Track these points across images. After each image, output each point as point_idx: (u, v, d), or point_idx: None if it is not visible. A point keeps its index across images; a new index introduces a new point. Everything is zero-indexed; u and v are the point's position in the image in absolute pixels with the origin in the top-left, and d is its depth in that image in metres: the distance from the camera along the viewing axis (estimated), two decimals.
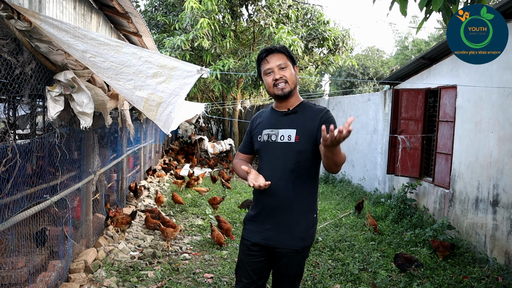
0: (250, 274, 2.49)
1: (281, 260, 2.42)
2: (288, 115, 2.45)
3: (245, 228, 2.58)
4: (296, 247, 2.39)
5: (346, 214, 7.85)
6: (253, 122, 2.66)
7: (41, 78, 3.33)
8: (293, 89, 2.44)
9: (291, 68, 2.44)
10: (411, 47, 33.91)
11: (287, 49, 2.47)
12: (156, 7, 16.49)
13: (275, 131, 2.45)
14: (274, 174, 2.38)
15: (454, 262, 5.38)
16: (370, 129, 9.95)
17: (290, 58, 2.46)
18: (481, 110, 5.82)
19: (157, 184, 10.60)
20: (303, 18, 14.78)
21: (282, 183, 2.38)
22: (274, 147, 2.42)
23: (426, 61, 7.39)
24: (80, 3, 4.94)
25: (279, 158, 2.40)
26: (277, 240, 2.41)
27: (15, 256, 3.58)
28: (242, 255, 2.56)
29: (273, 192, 2.38)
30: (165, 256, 5.41)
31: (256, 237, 2.47)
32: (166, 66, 3.23)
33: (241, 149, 2.71)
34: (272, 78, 2.42)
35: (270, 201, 2.41)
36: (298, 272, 2.48)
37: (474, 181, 5.85)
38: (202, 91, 16.76)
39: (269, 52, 2.44)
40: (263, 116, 2.61)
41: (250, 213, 2.57)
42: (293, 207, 2.39)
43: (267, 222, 2.44)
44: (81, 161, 4.70)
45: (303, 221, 2.41)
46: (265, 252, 2.47)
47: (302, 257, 2.44)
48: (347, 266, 5.12)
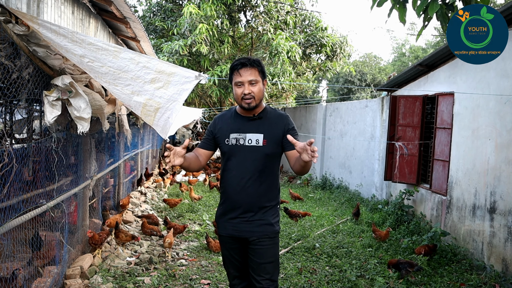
0: (235, 264, 2.77)
1: (255, 248, 2.64)
2: (254, 121, 2.69)
3: (219, 226, 2.80)
4: (267, 232, 2.64)
5: (344, 220, 7.84)
6: (215, 124, 2.82)
7: (38, 82, 3.32)
8: (258, 103, 2.66)
9: (260, 83, 2.64)
10: (408, 54, 34.10)
11: (260, 63, 2.65)
12: (155, 12, 16.53)
13: (243, 135, 2.67)
14: (244, 174, 2.64)
15: (452, 269, 5.37)
16: (367, 136, 9.96)
17: (262, 73, 2.65)
18: (478, 117, 5.84)
19: (154, 189, 10.56)
20: (301, 24, 14.84)
21: (251, 182, 2.63)
22: (243, 150, 2.65)
23: (423, 68, 7.41)
24: (79, 8, 4.94)
25: (248, 160, 2.63)
26: (248, 230, 2.65)
27: (10, 261, 3.55)
28: (224, 249, 2.82)
29: (243, 190, 2.63)
30: (161, 262, 5.38)
31: (229, 230, 2.71)
32: (164, 71, 3.23)
33: (201, 145, 2.87)
34: (241, 91, 2.61)
35: (241, 198, 2.65)
36: (273, 260, 2.68)
37: (471, 188, 5.85)
38: (200, 97, 16.77)
39: (243, 66, 2.60)
40: (225, 119, 2.80)
41: (220, 212, 2.79)
42: (261, 200, 2.65)
43: (238, 216, 2.67)
44: (78, 166, 4.68)
45: (269, 211, 2.68)
46: (240, 244, 2.72)
47: (274, 243, 2.69)
48: (345, 273, 5.10)
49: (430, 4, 3.01)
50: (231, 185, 2.67)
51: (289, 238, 6.54)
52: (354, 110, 10.86)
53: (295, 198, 9.63)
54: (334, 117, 12.08)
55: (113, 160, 6.85)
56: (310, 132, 13.56)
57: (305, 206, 9.11)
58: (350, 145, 10.95)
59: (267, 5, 13.15)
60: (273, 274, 2.66)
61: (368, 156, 9.93)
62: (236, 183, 2.65)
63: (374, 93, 26.41)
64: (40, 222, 3.82)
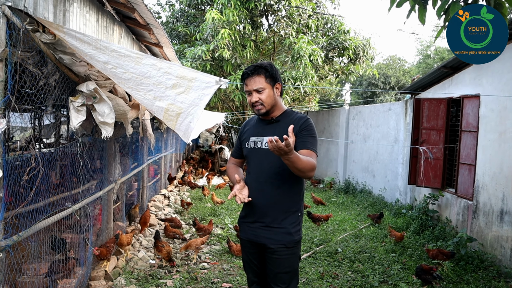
0: (254, 269, 2.76)
1: (272, 257, 2.60)
2: (271, 124, 2.71)
3: (240, 229, 2.83)
4: (284, 242, 2.58)
5: (367, 225, 7.74)
6: (242, 130, 2.92)
7: (64, 88, 3.43)
8: (269, 109, 2.66)
9: (268, 89, 2.63)
10: (434, 55, 33.44)
11: (267, 69, 2.63)
12: (178, 18, 16.77)
13: (260, 138, 2.70)
14: (261, 176, 2.65)
15: (478, 276, 5.23)
16: (391, 139, 9.82)
17: (270, 78, 2.63)
18: (505, 120, 5.69)
19: (177, 193, 10.68)
20: (323, 28, 14.78)
21: (268, 185, 2.62)
22: (260, 153, 2.67)
23: (448, 70, 7.27)
24: (103, 16, 5.07)
25: (265, 163, 2.64)
26: (266, 237, 2.62)
27: (37, 262, 3.66)
28: (244, 253, 2.83)
29: (260, 193, 2.63)
30: (184, 265, 5.44)
31: (248, 235, 2.72)
32: (185, 77, 3.28)
33: (233, 154, 2.97)
34: (250, 99, 2.67)
35: (258, 201, 2.63)
36: (290, 270, 2.61)
37: (499, 192, 5.69)
38: (223, 101, 16.88)
39: (247, 76, 2.65)
40: (250, 124, 2.87)
41: (241, 214, 2.81)
42: (278, 205, 2.61)
43: (256, 221, 2.66)
44: (102, 169, 4.79)
45: (289, 218, 2.62)
46: (259, 250, 2.69)
47: (292, 253, 2.61)
48: (367, 278, 5.04)
49: (452, 5, 2.97)
50: (250, 188, 2.67)
51: (311, 242, 6.51)
52: (377, 114, 10.74)
53: (318, 202, 9.57)
54: (357, 121, 11.97)
55: (137, 164, 6.98)
56: (333, 136, 13.46)
57: (327, 211, 9.04)
58: (373, 149, 10.82)
59: (289, 9, 13.16)
60: (290, 284, 2.61)
61: (391, 160, 9.79)
62: (254, 186, 2.66)
63: (398, 96, 26.02)
64: (65, 224, 3.92)
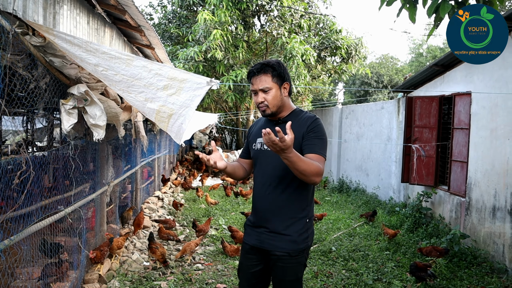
0: (249, 277, 2.61)
1: (276, 264, 2.48)
2: (279, 125, 2.51)
3: (245, 232, 2.70)
4: (288, 250, 2.44)
5: (360, 223, 7.77)
6: (250, 130, 2.81)
7: (55, 91, 3.41)
8: (275, 110, 2.52)
9: (275, 89, 2.48)
10: (426, 54, 33.62)
11: (274, 67, 2.48)
12: (170, 19, 16.74)
13: None
14: (265, 180, 2.53)
15: (472, 272, 5.27)
16: (384, 138, 9.86)
17: (278, 77, 2.48)
18: (496, 116, 5.74)
19: (171, 195, 10.66)
20: (315, 28, 14.82)
21: (271, 189, 2.49)
22: (265, 155, 2.55)
23: (439, 68, 7.32)
24: (94, 18, 5.05)
25: (269, 165, 2.52)
26: (270, 243, 2.49)
27: (30, 266, 3.63)
28: (242, 258, 2.68)
29: (264, 197, 2.52)
30: (178, 266, 5.43)
31: (253, 240, 2.58)
32: (176, 78, 3.28)
33: (241, 154, 2.85)
34: (256, 99, 2.53)
35: (263, 206, 2.53)
36: (294, 278, 2.49)
37: (491, 189, 5.74)
38: (216, 102, 16.88)
39: (253, 74, 2.50)
40: (258, 125, 2.74)
41: (249, 218, 2.69)
42: (283, 211, 2.47)
43: (261, 226, 2.54)
44: (95, 172, 4.77)
45: (294, 225, 2.47)
46: (262, 256, 2.56)
47: (297, 261, 2.48)
48: (361, 276, 5.06)
49: (441, 4, 2.98)
50: (255, 192, 2.60)
51: None
52: (370, 112, 10.78)
53: None
54: (350, 120, 12.01)
55: (130, 166, 6.95)
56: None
57: (321, 210, 9.07)
58: (366, 148, 10.87)
59: (281, 9, 13.18)
60: None
61: (385, 158, 9.84)
62: (258, 189, 2.57)
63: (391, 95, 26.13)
64: (59, 228, 3.90)
